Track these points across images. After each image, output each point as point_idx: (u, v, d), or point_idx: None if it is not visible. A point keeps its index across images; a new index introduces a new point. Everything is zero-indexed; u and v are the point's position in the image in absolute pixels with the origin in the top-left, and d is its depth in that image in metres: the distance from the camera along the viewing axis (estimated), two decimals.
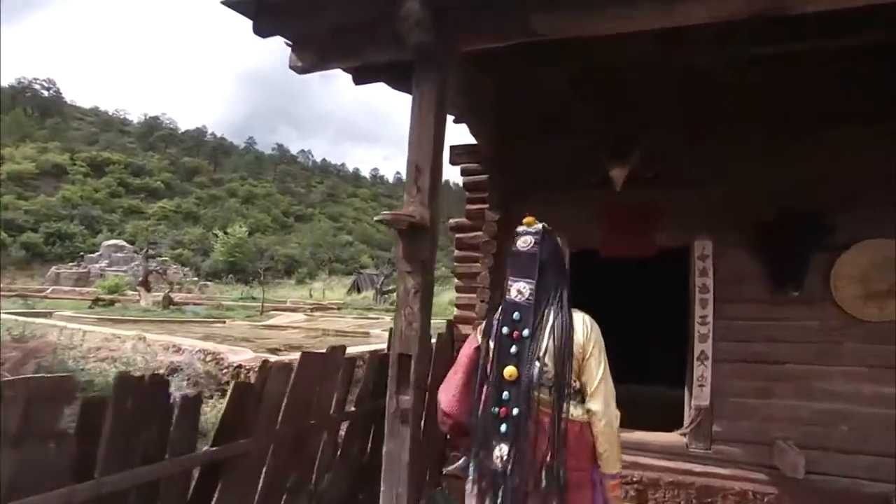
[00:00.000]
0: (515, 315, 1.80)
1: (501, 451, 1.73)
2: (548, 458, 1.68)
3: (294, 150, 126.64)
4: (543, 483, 1.67)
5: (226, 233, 49.05)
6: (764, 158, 3.58)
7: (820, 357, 3.41)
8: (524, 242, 1.88)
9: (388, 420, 2.30)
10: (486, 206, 4.14)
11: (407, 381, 2.26)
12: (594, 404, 1.75)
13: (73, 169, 60.26)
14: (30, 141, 62.61)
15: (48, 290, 27.52)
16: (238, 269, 43.39)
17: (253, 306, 21.23)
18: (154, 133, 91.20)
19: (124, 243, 39.35)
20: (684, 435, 3.66)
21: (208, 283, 38.89)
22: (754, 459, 3.44)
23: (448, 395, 1.94)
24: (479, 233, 4.16)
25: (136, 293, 21.09)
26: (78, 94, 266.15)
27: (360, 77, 3.31)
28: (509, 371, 1.76)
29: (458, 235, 4.36)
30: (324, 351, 2.93)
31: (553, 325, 1.76)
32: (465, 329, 4.17)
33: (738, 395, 3.54)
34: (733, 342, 3.57)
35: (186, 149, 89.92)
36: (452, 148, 4.49)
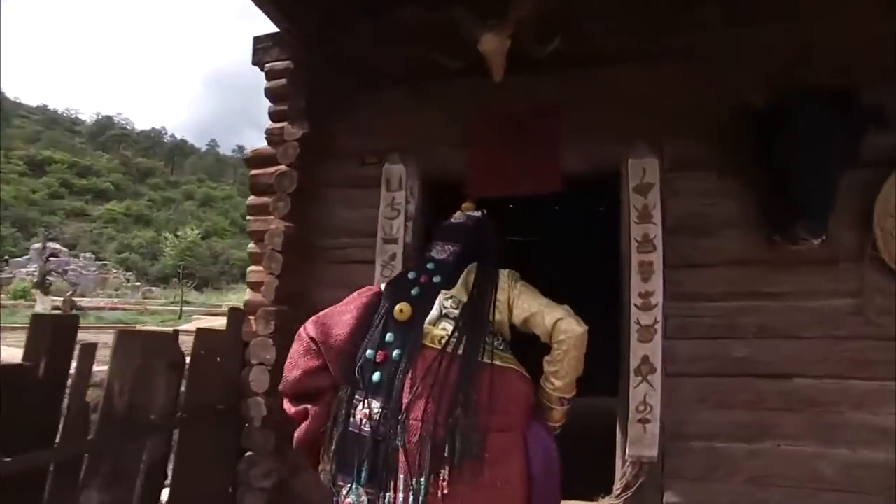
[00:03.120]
0: (430, 266, 1.50)
1: (370, 406, 1.29)
2: (458, 413, 1.23)
3: None
4: (452, 448, 1.21)
5: (176, 236, 46.84)
6: (742, 8, 2.01)
7: (855, 365, 1.90)
8: (456, 218, 1.63)
9: None
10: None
11: None
12: (557, 313, 1.35)
13: (8, 167, 56.09)
14: None
15: None
16: (189, 274, 41.35)
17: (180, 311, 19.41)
18: (106, 132, 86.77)
19: (57, 247, 36.58)
20: None
21: (154, 288, 36.70)
22: None
23: (332, 325, 1.38)
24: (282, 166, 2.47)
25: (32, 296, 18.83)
26: (24, 92, 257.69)
27: None
28: (401, 307, 1.37)
29: (253, 172, 2.65)
30: None
31: (472, 272, 1.44)
32: (256, 324, 2.47)
33: (708, 437, 2.01)
34: (699, 340, 2.03)
35: (142, 150, 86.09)
36: (257, 39, 2.80)
